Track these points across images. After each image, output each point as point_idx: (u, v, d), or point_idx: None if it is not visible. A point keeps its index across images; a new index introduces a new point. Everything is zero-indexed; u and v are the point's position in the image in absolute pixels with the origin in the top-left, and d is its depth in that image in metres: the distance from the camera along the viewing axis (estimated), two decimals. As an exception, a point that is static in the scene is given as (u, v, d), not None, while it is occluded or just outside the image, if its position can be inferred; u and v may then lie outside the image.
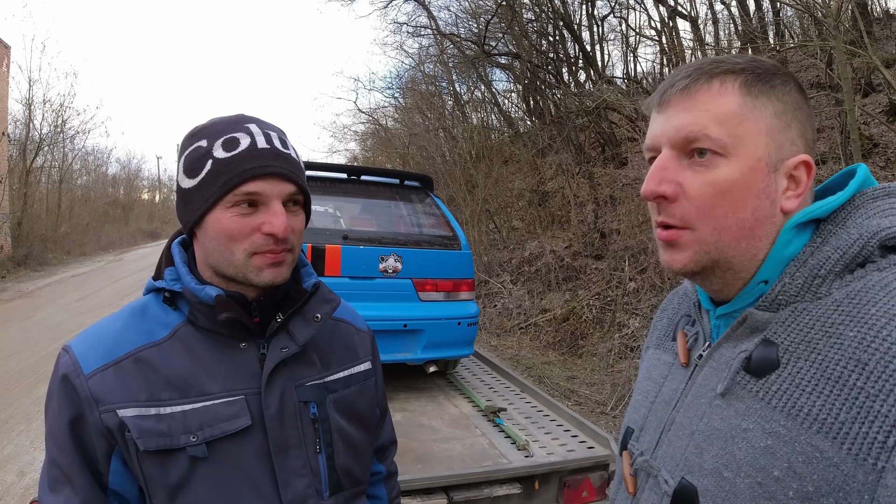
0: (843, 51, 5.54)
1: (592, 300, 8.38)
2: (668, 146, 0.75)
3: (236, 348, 1.00)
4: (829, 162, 7.21)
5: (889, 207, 0.73)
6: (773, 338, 0.71)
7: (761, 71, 0.75)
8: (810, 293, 0.71)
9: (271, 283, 0.98)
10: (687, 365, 0.85)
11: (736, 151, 0.72)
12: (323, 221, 3.83)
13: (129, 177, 46.58)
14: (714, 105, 0.73)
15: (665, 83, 0.77)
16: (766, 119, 0.73)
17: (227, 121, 1.00)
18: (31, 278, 15.98)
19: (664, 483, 0.77)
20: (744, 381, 0.72)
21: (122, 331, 0.99)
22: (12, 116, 20.42)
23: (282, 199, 0.97)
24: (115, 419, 0.92)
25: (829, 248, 0.72)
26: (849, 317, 0.65)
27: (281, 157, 0.97)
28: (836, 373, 0.63)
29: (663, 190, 0.74)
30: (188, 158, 0.98)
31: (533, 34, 13.73)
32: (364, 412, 1.16)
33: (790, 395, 0.66)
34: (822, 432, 0.61)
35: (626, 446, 0.91)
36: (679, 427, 0.79)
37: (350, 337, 1.19)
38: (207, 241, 0.99)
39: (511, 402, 3.55)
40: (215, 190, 0.94)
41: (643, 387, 0.94)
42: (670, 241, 0.76)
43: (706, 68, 0.75)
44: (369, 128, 22.20)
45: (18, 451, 4.62)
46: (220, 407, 0.96)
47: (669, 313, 1.00)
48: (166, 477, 0.93)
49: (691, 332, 0.89)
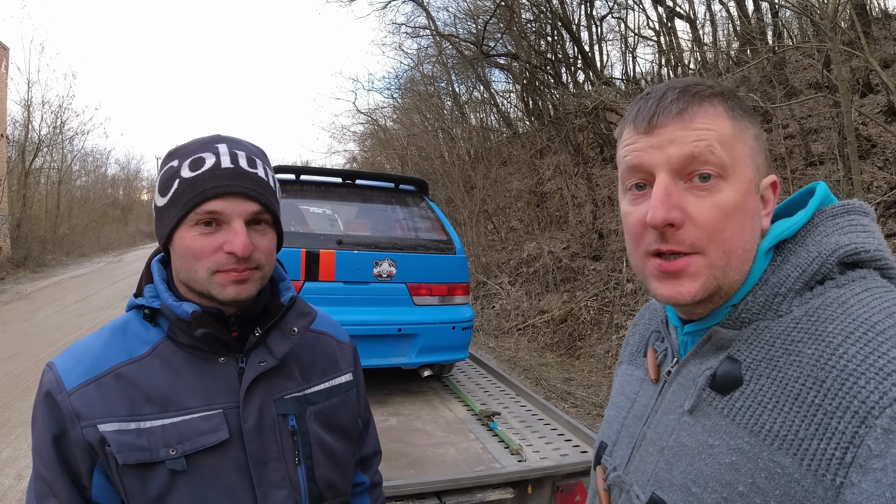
0: (839, 52, 5.55)
1: (590, 301, 8.39)
2: (667, 170, 0.72)
3: (215, 363, 1.02)
4: (826, 163, 7.21)
5: (848, 224, 0.75)
6: (736, 355, 0.72)
7: (734, 95, 0.76)
8: (771, 311, 0.72)
9: (235, 300, 0.99)
10: (657, 381, 0.86)
11: (734, 173, 0.72)
12: (318, 226, 3.83)
13: (129, 178, 46.62)
14: (713, 125, 0.72)
15: (645, 106, 0.75)
16: (749, 142, 0.74)
17: (200, 141, 1.03)
18: (30, 280, 15.98)
19: (636, 498, 0.79)
20: (709, 397, 0.73)
21: (104, 348, 1.01)
22: (11, 118, 20.44)
23: (244, 217, 0.98)
24: (97, 434, 0.94)
25: (789, 267, 0.73)
26: (807, 334, 0.67)
27: (245, 176, 0.99)
28: (796, 390, 0.64)
29: (673, 217, 0.70)
30: (162, 177, 1.02)
31: (531, 35, 13.75)
32: (346, 424, 1.17)
33: (753, 411, 0.67)
34: (783, 449, 0.62)
35: (599, 461, 0.92)
36: (650, 442, 0.80)
37: (331, 349, 1.20)
38: (176, 259, 1.01)
39: (506, 405, 3.56)
40: (179, 208, 0.97)
41: (616, 402, 0.95)
42: (678, 270, 0.73)
43: (691, 90, 0.74)
44: (368, 128, 22.26)
45: (16, 454, 4.63)
46: (198, 421, 0.98)
47: (641, 329, 1.01)
48: (146, 490, 0.95)
49: (661, 347, 0.89)
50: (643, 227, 0.73)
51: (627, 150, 0.76)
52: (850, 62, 7.03)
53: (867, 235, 0.74)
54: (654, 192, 0.72)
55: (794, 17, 9.56)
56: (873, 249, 0.72)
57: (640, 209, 0.74)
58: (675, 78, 1.12)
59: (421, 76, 17.67)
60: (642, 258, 0.76)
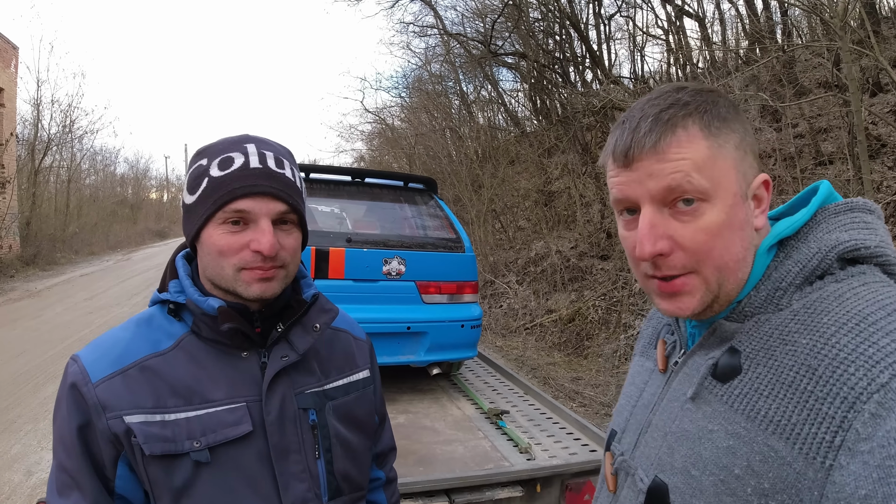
0: (849, 51, 5.52)
1: (598, 301, 8.38)
2: (649, 202, 0.75)
3: (238, 357, 1.04)
4: (836, 162, 7.18)
5: (850, 222, 0.78)
6: (737, 346, 0.76)
7: (709, 104, 0.76)
8: (772, 304, 0.76)
9: (260, 297, 1.01)
10: (665, 371, 0.91)
11: (717, 193, 0.74)
12: (327, 224, 3.84)
13: (138, 176, 46.91)
14: (688, 153, 0.73)
15: (621, 139, 0.77)
16: (730, 154, 0.76)
17: (229, 141, 1.05)
18: (40, 278, 16.10)
19: (640, 481, 0.83)
20: (711, 385, 0.77)
21: (129, 341, 1.03)
22: (21, 116, 20.55)
23: (271, 217, 1.00)
24: (122, 425, 0.96)
25: (790, 263, 0.77)
26: (803, 325, 0.70)
27: (273, 176, 1.01)
28: (790, 378, 0.67)
29: (660, 248, 0.74)
30: (191, 175, 1.04)
31: (539, 33, 13.73)
32: (363, 419, 1.19)
33: (750, 398, 0.71)
34: (776, 433, 0.66)
35: (609, 447, 0.97)
36: (655, 429, 0.84)
37: (349, 346, 1.22)
38: (203, 255, 1.03)
39: (514, 404, 3.56)
40: (208, 207, 0.99)
41: (627, 391, 1.00)
42: (676, 291, 0.77)
43: (663, 118, 0.75)
44: (376, 128, 22.29)
45: (26, 450, 4.67)
46: (222, 413, 1.00)
47: (654, 322, 1.06)
48: (171, 481, 0.97)
49: (670, 340, 0.93)
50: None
51: (612, 183, 0.79)
52: (859, 61, 6.97)
53: (869, 232, 0.77)
54: (639, 226, 0.76)
55: (803, 15, 9.50)
56: (874, 246, 0.75)
57: (634, 234, 0.78)
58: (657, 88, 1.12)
59: (429, 75, 17.67)
60: (643, 278, 0.80)
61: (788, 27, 9.76)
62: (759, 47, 9.17)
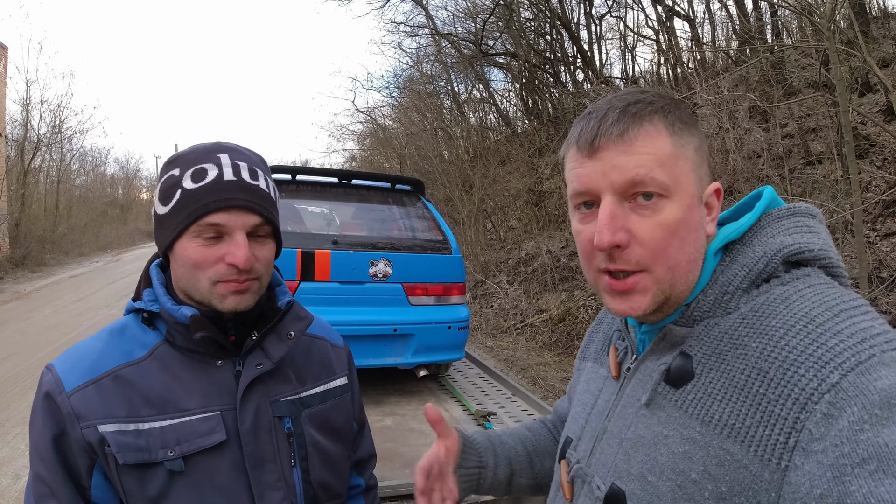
0: (837, 51, 5.55)
1: (588, 300, 8.39)
2: (611, 193, 0.75)
3: (212, 366, 1.04)
4: (824, 162, 7.21)
5: (793, 226, 0.79)
6: (688, 350, 0.77)
7: (672, 107, 0.77)
8: (721, 308, 0.77)
9: (234, 310, 1.01)
10: (618, 378, 0.90)
11: (676, 191, 0.74)
12: (313, 226, 3.83)
13: (128, 177, 46.68)
14: (652, 148, 0.74)
15: (587, 127, 0.77)
16: (690, 156, 0.77)
17: (201, 150, 1.03)
18: (29, 279, 15.97)
19: (597, 488, 0.82)
20: (664, 391, 0.77)
21: (103, 350, 1.03)
22: (10, 117, 20.42)
23: (246, 230, 0.99)
24: (96, 434, 0.95)
25: (736, 266, 0.77)
26: (752, 329, 0.71)
27: (247, 189, 1.00)
28: (742, 381, 0.68)
29: (619, 239, 0.73)
30: (163, 185, 1.02)
31: (530, 33, 13.76)
32: (341, 426, 1.19)
33: (703, 403, 0.71)
34: (731, 437, 0.66)
35: (564, 455, 0.96)
36: (610, 436, 0.84)
37: (326, 353, 1.22)
38: (177, 267, 1.02)
39: (502, 405, 3.57)
40: (181, 219, 0.98)
41: (582, 399, 0.99)
42: (627, 289, 0.76)
43: (631, 110, 0.75)
44: (367, 127, 22.25)
45: (14, 454, 4.63)
46: (196, 422, 0.99)
47: (605, 327, 1.06)
48: (145, 490, 0.96)
49: (622, 346, 0.94)
50: (593, 246, 0.76)
51: (573, 175, 0.79)
52: (848, 62, 7.02)
53: (812, 236, 0.78)
54: (599, 216, 0.75)
55: (792, 16, 9.55)
56: (817, 249, 0.76)
57: (589, 228, 0.77)
58: (628, 88, 1.12)
59: (420, 75, 17.66)
60: (595, 274, 0.79)
61: (778, 28, 9.81)
62: (748, 48, 9.20)
